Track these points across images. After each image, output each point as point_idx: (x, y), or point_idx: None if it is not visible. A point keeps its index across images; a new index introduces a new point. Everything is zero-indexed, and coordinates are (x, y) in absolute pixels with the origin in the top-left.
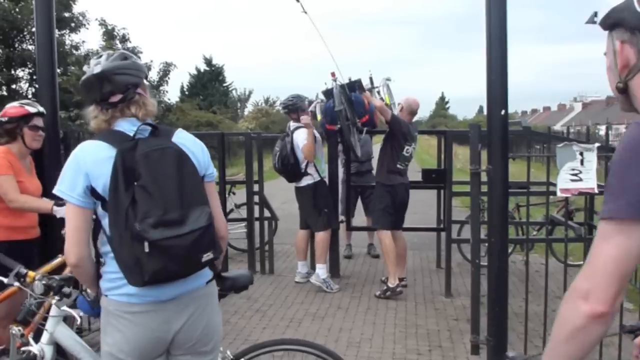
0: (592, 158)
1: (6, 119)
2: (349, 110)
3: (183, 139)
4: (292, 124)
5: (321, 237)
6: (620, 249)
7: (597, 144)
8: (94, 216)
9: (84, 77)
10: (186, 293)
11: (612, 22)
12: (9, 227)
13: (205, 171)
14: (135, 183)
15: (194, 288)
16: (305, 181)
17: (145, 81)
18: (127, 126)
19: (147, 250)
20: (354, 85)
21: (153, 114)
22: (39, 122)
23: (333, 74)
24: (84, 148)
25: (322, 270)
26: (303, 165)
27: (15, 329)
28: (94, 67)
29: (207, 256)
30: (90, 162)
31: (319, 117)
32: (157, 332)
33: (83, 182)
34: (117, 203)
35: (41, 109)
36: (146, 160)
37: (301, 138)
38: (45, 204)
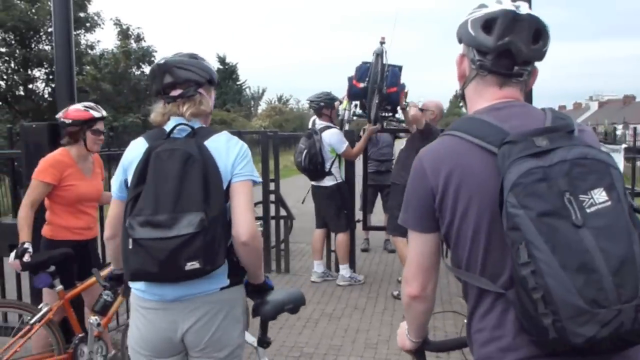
0: (619, 159)
1: (70, 121)
2: (380, 75)
3: (217, 142)
4: (319, 122)
5: (341, 239)
6: (416, 249)
7: (624, 145)
8: None
9: (151, 67)
10: (193, 296)
11: (458, 38)
12: (65, 228)
13: (231, 172)
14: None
15: (203, 292)
16: (328, 181)
17: (212, 88)
18: (172, 124)
19: (130, 247)
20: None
21: (204, 115)
22: (100, 126)
23: (383, 38)
24: (130, 144)
25: (345, 270)
26: (328, 165)
27: (93, 319)
28: (160, 59)
29: (192, 265)
30: (128, 158)
31: (346, 126)
32: (166, 331)
33: (122, 176)
34: (127, 197)
35: (104, 112)
36: (156, 160)
37: (336, 139)
38: (22, 235)
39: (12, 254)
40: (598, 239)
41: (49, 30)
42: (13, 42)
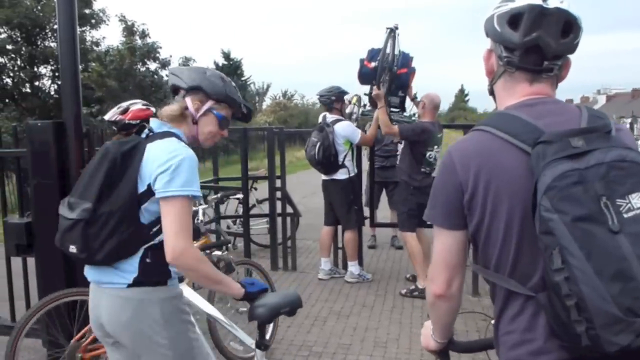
0: None
1: (137, 122)
2: (391, 55)
3: (156, 147)
4: (329, 116)
5: (349, 236)
6: (443, 246)
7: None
8: None
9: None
10: (104, 285)
11: (485, 32)
12: None
13: (150, 179)
14: None
15: (112, 283)
16: (341, 175)
17: (209, 99)
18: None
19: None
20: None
21: (164, 116)
22: None
23: (396, 24)
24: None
25: (354, 267)
26: (341, 158)
27: None
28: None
29: (72, 249)
30: None
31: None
32: (92, 310)
33: None
34: None
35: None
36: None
37: (350, 130)
38: None
39: None
40: (635, 246)
41: (55, 27)
42: (19, 39)
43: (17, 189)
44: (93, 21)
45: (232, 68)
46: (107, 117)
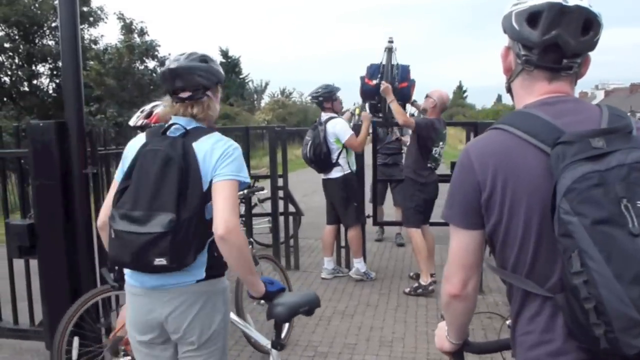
0: None
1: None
2: (390, 71)
3: (204, 143)
4: (323, 115)
5: (353, 233)
6: (459, 245)
7: None
8: None
9: (162, 69)
10: (170, 286)
11: (503, 29)
12: None
13: (212, 173)
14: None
15: (179, 283)
16: (335, 173)
17: (219, 87)
18: (171, 122)
19: (112, 236)
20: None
21: (212, 119)
22: None
23: (391, 38)
24: (134, 138)
25: (360, 264)
26: (334, 156)
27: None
28: (172, 62)
29: (160, 261)
30: (129, 149)
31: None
32: (146, 315)
33: (122, 164)
34: (116, 189)
35: None
36: (142, 158)
37: (339, 128)
38: None
39: None
40: None
41: (53, 25)
42: (17, 37)
43: (18, 189)
44: (91, 19)
45: (230, 66)
46: (131, 122)
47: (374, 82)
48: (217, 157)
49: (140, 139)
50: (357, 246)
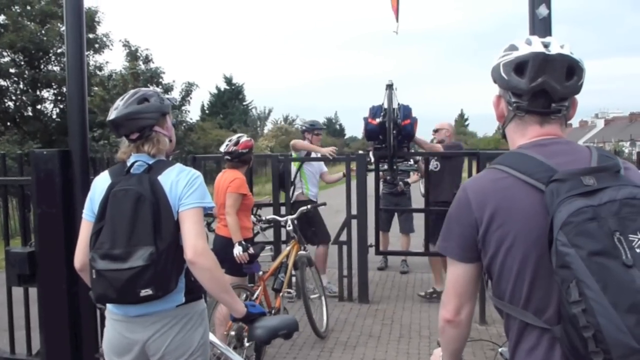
0: None
1: (247, 150)
2: (392, 110)
3: (168, 175)
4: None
5: (319, 250)
6: (454, 275)
7: None
8: None
9: (107, 121)
10: (153, 313)
11: (492, 79)
12: (244, 227)
13: (178, 202)
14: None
15: (161, 310)
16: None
17: (166, 117)
18: (132, 160)
19: (94, 276)
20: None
21: (163, 151)
22: None
23: (390, 80)
24: (98, 176)
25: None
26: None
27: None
28: (111, 112)
29: (146, 292)
30: (96, 189)
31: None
32: (129, 339)
33: (89, 203)
34: (92, 231)
35: None
36: (113, 199)
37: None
38: (237, 235)
39: (240, 248)
40: None
41: (59, 51)
42: (22, 63)
43: (19, 216)
44: (97, 45)
45: (234, 92)
46: (222, 149)
47: (377, 120)
48: (182, 186)
49: (104, 179)
50: (320, 264)
